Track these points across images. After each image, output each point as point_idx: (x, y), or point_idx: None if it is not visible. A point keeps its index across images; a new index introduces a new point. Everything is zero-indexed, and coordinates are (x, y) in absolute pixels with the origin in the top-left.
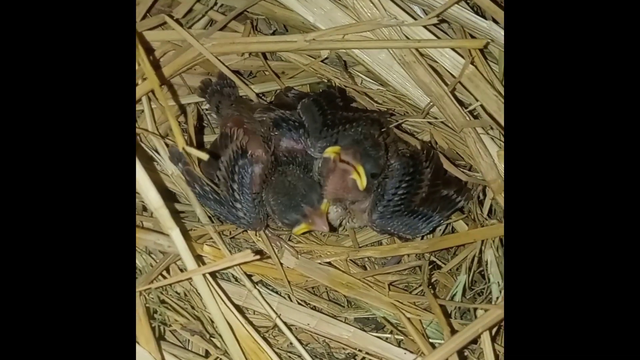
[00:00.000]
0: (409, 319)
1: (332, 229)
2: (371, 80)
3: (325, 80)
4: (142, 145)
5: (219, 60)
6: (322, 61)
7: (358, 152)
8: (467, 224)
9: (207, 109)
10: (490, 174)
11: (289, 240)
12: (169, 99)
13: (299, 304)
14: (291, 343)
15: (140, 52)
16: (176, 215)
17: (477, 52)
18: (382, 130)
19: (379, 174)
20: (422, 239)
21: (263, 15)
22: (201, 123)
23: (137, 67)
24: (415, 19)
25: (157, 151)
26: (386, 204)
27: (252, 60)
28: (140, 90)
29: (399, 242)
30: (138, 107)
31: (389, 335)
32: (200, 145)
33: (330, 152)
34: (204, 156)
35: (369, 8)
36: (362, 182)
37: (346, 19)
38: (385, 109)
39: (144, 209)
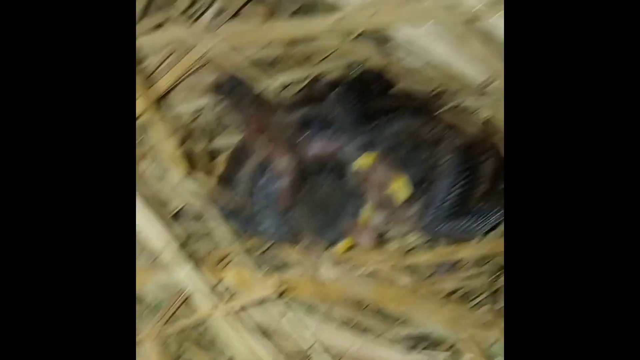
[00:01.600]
0: (469, 336)
1: (377, 241)
2: (414, 54)
3: (358, 63)
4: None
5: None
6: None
7: (397, 158)
8: None
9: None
10: None
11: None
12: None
13: (340, 324)
14: None
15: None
16: (188, 241)
17: None
18: (429, 119)
19: (425, 180)
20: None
21: None
22: (221, 122)
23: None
24: None
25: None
26: (437, 209)
27: (272, 48)
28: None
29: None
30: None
31: (446, 354)
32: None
33: (362, 163)
34: None
35: None
36: (403, 193)
37: None
38: (432, 91)
39: None
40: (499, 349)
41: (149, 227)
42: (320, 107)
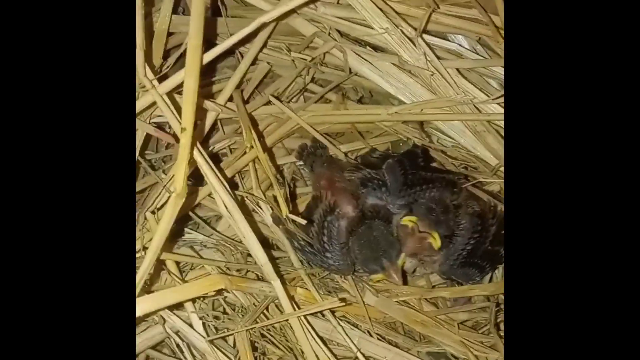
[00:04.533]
0: (476, 356)
1: (405, 282)
2: (446, 138)
3: (404, 139)
4: (247, 201)
5: (313, 128)
6: (402, 122)
7: (432, 221)
8: None
9: (301, 166)
10: None
11: (370, 279)
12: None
13: (378, 338)
14: None
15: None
16: (274, 262)
17: None
18: (455, 191)
19: (450, 235)
20: (490, 281)
21: (352, 85)
22: (295, 177)
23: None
24: (487, 95)
25: (259, 206)
26: (455, 258)
27: (341, 124)
28: (248, 157)
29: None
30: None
31: None
32: (294, 198)
33: (408, 221)
34: (302, 221)
35: (444, 86)
36: (437, 244)
37: (423, 91)
38: (459, 168)
39: (249, 255)
40: None
41: (255, 248)
42: (376, 172)
